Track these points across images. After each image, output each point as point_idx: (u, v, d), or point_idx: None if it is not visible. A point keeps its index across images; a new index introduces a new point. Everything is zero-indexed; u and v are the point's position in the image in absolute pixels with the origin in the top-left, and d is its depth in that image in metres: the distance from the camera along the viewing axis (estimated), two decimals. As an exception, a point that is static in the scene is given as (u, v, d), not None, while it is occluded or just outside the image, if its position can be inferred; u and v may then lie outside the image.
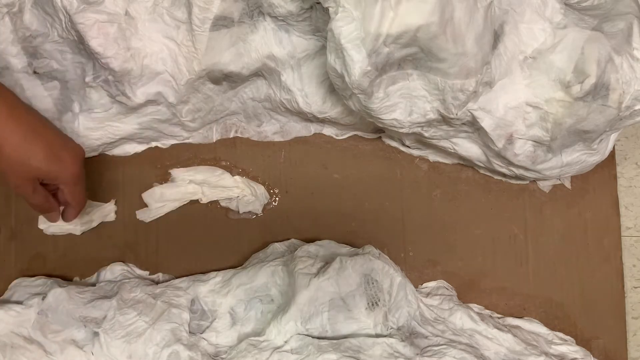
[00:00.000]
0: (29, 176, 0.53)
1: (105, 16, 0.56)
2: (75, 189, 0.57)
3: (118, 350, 0.56)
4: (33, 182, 0.54)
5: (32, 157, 0.52)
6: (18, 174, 0.53)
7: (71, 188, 0.57)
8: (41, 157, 0.53)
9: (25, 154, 0.52)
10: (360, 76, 0.51)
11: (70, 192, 0.57)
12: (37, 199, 0.56)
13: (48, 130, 0.55)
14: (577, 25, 0.55)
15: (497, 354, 0.60)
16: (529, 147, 0.59)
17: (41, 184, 0.56)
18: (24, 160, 0.52)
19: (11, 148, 0.51)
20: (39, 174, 0.54)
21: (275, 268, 0.60)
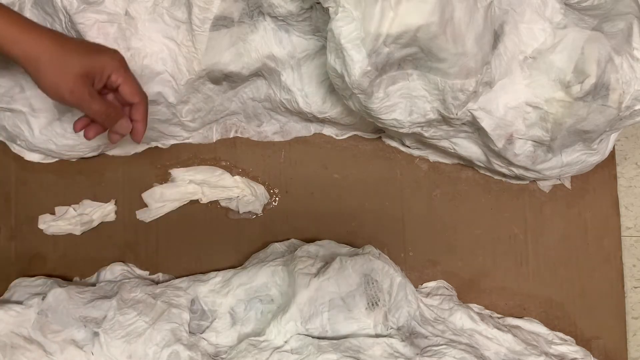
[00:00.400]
0: (77, 75, 0.49)
1: (105, 16, 0.56)
2: (129, 76, 0.53)
3: (118, 350, 0.56)
4: (85, 83, 0.50)
5: (72, 53, 0.49)
6: (66, 77, 0.49)
7: (125, 74, 0.52)
8: (81, 50, 0.50)
9: (64, 54, 0.49)
10: (360, 76, 0.51)
11: (125, 80, 0.52)
12: (97, 103, 0.51)
13: (68, 36, 0.52)
14: (577, 25, 0.55)
15: (497, 354, 0.60)
16: (529, 147, 0.59)
17: None
18: (66, 60, 0.49)
19: (49, 54, 0.48)
20: (85, 68, 0.50)
21: (275, 268, 0.60)
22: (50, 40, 0.49)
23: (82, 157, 0.66)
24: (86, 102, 0.50)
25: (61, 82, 0.49)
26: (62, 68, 0.49)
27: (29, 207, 0.67)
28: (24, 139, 0.63)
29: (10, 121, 0.62)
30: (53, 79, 0.49)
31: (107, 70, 0.51)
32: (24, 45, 0.48)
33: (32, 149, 0.64)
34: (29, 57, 0.48)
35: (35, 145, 0.63)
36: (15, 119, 0.62)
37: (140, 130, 0.54)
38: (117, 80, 0.52)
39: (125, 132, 0.54)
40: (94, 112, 0.51)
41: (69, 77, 0.49)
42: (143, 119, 0.54)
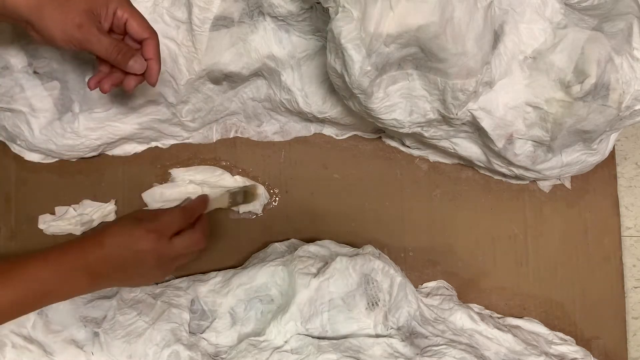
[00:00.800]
0: (83, 11, 0.48)
1: (105, 16, 0.56)
2: (135, 11, 0.50)
3: (118, 350, 0.56)
4: (91, 18, 0.48)
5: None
6: (72, 14, 0.47)
7: (130, 9, 0.50)
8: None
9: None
10: (360, 76, 0.51)
11: (132, 15, 0.50)
12: (107, 37, 0.49)
13: None
14: (577, 25, 0.55)
15: (497, 354, 0.60)
16: (529, 147, 0.59)
17: None
18: None
19: None
20: (90, 3, 0.48)
21: (275, 268, 0.60)
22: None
23: (82, 157, 0.66)
24: (95, 36, 0.48)
25: (68, 19, 0.47)
26: (66, 6, 0.47)
27: (29, 207, 0.67)
28: (24, 139, 0.63)
29: (10, 121, 0.62)
30: (59, 18, 0.47)
31: (112, 5, 0.49)
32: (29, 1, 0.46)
33: (32, 149, 0.64)
34: (32, 4, 0.46)
35: (35, 145, 0.63)
36: (15, 119, 0.62)
37: (155, 69, 0.51)
38: (123, 16, 0.50)
39: (140, 71, 0.50)
40: (106, 47, 0.49)
41: (75, 14, 0.47)
42: (156, 55, 0.51)
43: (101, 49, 0.49)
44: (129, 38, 0.51)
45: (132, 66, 0.50)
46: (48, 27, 0.47)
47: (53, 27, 0.47)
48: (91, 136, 0.63)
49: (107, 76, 0.51)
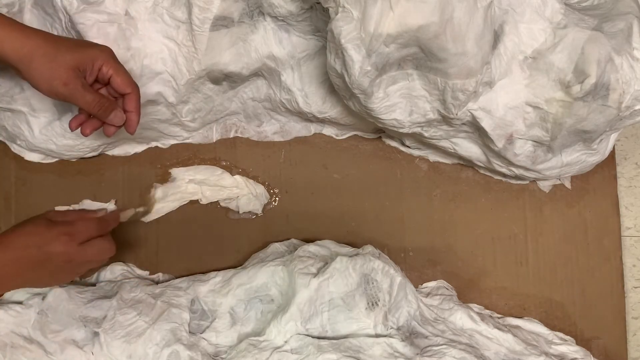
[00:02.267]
0: (69, 68, 0.50)
1: (105, 16, 0.56)
2: (120, 67, 0.53)
3: (118, 350, 0.56)
4: (77, 75, 0.51)
5: (63, 48, 0.50)
6: (59, 71, 0.50)
7: (115, 66, 0.53)
8: (71, 44, 0.51)
9: (56, 49, 0.50)
10: (360, 76, 0.51)
11: (116, 71, 0.53)
12: (90, 94, 0.52)
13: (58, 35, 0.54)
14: (577, 25, 0.55)
15: (497, 354, 0.60)
16: (529, 147, 0.59)
17: None
18: (58, 55, 0.50)
19: (41, 50, 0.50)
20: (77, 61, 0.51)
21: (275, 268, 0.60)
22: (40, 37, 0.50)
23: (82, 157, 0.66)
24: (80, 92, 0.51)
25: (55, 75, 0.50)
26: (54, 62, 0.50)
27: (29, 207, 0.67)
28: (24, 139, 0.63)
29: (10, 121, 0.62)
30: (47, 73, 0.50)
31: (98, 62, 0.52)
32: (15, 42, 0.49)
33: (32, 149, 0.64)
34: (22, 55, 0.49)
35: (35, 145, 0.63)
36: (15, 119, 0.62)
37: (134, 120, 0.55)
38: (108, 72, 0.52)
39: (119, 123, 0.54)
40: (88, 103, 0.52)
41: (62, 70, 0.50)
42: (136, 109, 0.54)
43: (84, 104, 0.52)
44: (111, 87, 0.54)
45: (112, 120, 0.54)
46: (35, 78, 0.50)
47: (40, 80, 0.50)
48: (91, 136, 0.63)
49: (87, 120, 0.55)
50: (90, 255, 0.55)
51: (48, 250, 0.52)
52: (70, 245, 0.53)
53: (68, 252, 0.53)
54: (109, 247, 0.57)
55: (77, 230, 0.54)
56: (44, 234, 0.52)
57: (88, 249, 0.54)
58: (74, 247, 0.53)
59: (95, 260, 0.56)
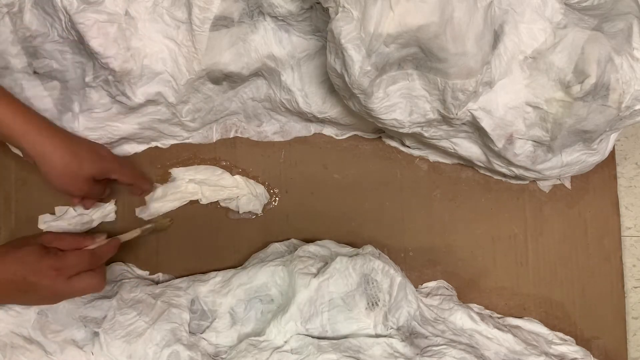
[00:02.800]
0: (87, 179, 0.57)
1: (105, 16, 0.56)
2: (125, 171, 0.61)
3: (118, 350, 0.56)
4: (91, 182, 0.58)
5: (84, 161, 0.56)
6: (78, 182, 0.56)
7: (121, 171, 0.61)
8: (92, 157, 0.57)
9: (79, 162, 0.56)
10: (360, 76, 0.51)
11: (122, 176, 0.61)
12: (95, 191, 0.60)
13: (73, 136, 0.59)
14: (577, 25, 0.55)
15: (497, 354, 0.60)
16: (529, 147, 0.59)
17: None
18: (79, 168, 0.56)
19: (63, 161, 0.55)
20: (95, 174, 0.57)
21: (275, 268, 0.60)
22: (62, 142, 0.56)
23: (82, 157, 0.66)
24: (86, 190, 0.58)
25: (74, 184, 0.57)
26: (76, 175, 0.56)
27: (29, 207, 0.67)
28: (24, 139, 0.63)
29: (10, 121, 0.62)
30: (67, 181, 0.56)
31: (111, 174, 0.60)
32: (36, 143, 0.54)
33: (32, 149, 0.64)
34: (42, 156, 0.54)
35: (35, 145, 0.63)
36: (15, 119, 0.62)
37: (146, 187, 0.66)
38: (115, 177, 0.61)
39: None
40: (91, 193, 0.60)
41: (81, 181, 0.57)
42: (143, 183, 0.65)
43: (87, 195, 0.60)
44: None
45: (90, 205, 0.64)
46: (54, 181, 0.56)
47: (58, 184, 0.56)
48: (91, 136, 0.63)
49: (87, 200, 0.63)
50: (76, 291, 0.54)
51: (34, 282, 0.51)
52: (57, 280, 0.52)
53: (54, 287, 0.52)
54: (97, 283, 0.55)
55: (68, 264, 0.53)
56: (33, 264, 0.51)
57: (75, 284, 0.53)
58: (61, 282, 0.52)
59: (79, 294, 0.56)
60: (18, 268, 0.51)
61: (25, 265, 0.51)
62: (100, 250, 0.57)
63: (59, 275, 0.52)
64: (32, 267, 0.51)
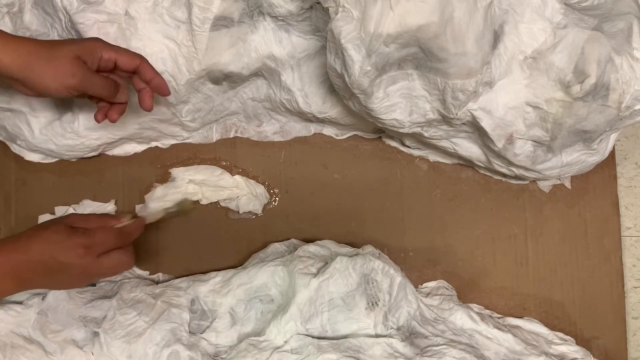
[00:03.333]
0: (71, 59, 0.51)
1: (105, 16, 0.56)
2: (119, 48, 0.54)
3: (118, 350, 0.56)
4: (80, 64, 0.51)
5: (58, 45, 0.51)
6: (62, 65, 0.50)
7: (114, 48, 0.54)
8: (63, 41, 0.52)
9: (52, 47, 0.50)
10: (360, 76, 0.51)
11: (118, 53, 0.53)
12: (100, 77, 0.53)
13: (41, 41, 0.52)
14: (577, 25, 0.55)
15: (497, 354, 0.60)
16: (529, 147, 0.59)
17: None
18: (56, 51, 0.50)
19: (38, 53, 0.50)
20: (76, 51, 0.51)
21: (275, 268, 0.60)
22: (31, 43, 0.50)
23: (82, 157, 0.66)
24: (89, 78, 0.51)
25: (60, 70, 0.50)
26: (56, 60, 0.50)
27: (29, 207, 0.67)
28: (24, 139, 0.63)
29: (10, 121, 0.62)
30: (51, 71, 0.50)
31: (97, 52, 0.52)
32: (11, 53, 0.49)
33: (32, 149, 0.64)
34: (21, 62, 0.49)
35: (35, 145, 0.63)
36: (15, 119, 0.62)
37: (162, 82, 0.56)
38: (110, 56, 0.53)
39: (125, 99, 0.56)
40: (101, 86, 0.53)
41: (65, 63, 0.50)
42: (154, 73, 0.55)
43: (96, 87, 0.53)
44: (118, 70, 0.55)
45: (120, 97, 0.55)
46: (42, 81, 0.50)
47: (47, 80, 0.50)
48: (91, 136, 0.63)
49: (111, 108, 0.56)
50: (106, 269, 0.53)
51: (64, 261, 0.50)
52: (86, 258, 0.51)
53: (84, 265, 0.51)
54: (127, 261, 0.55)
55: (96, 242, 0.52)
56: (62, 243, 0.51)
57: (105, 262, 0.53)
58: (90, 260, 0.52)
59: (110, 273, 0.55)
60: (46, 247, 0.50)
61: (53, 245, 0.50)
62: (127, 228, 0.56)
63: (88, 253, 0.51)
64: (60, 245, 0.50)
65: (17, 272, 0.50)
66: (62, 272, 0.51)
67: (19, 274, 0.50)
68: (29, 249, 0.50)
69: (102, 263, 0.52)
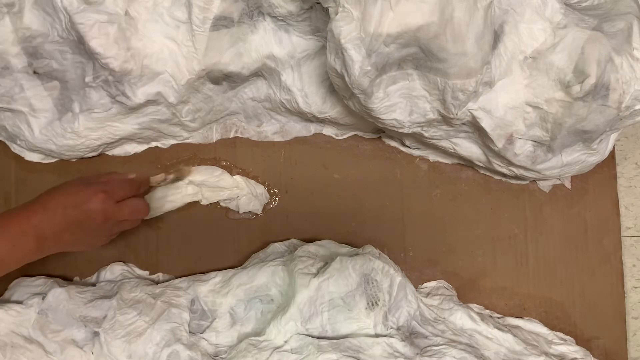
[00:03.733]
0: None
1: (105, 16, 0.56)
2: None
3: (118, 350, 0.56)
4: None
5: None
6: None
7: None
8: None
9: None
10: (360, 76, 0.51)
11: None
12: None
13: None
14: (577, 25, 0.55)
15: (497, 354, 0.60)
16: (529, 147, 0.59)
17: None
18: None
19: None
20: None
21: (275, 268, 0.60)
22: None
23: (82, 157, 0.66)
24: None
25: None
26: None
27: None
28: (24, 139, 0.63)
29: (10, 121, 0.62)
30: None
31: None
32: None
33: (32, 149, 0.64)
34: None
35: (35, 145, 0.63)
36: (15, 119, 0.62)
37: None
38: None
39: None
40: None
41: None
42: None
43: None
44: None
45: None
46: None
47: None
48: (91, 136, 0.63)
49: None
50: (127, 214, 0.55)
51: (86, 208, 0.51)
52: (107, 202, 0.53)
53: (106, 210, 0.53)
54: (143, 206, 0.57)
55: (113, 187, 0.54)
56: (81, 192, 0.52)
57: (124, 207, 0.55)
58: (111, 204, 0.53)
59: (130, 220, 0.57)
60: (67, 199, 0.51)
61: (73, 195, 0.52)
62: (137, 178, 0.59)
63: (107, 198, 0.53)
64: (80, 194, 0.52)
65: (38, 229, 0.50)
66: (85, 222, 0.52)
67: (41, 232, 0.50)
68: (49, 205, 0.51)
69: (121, 208, 0.54)
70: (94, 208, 0.52)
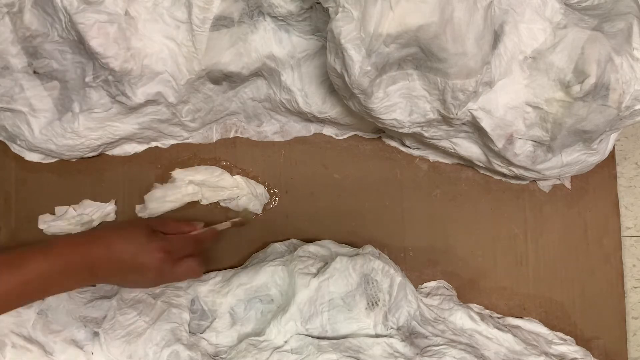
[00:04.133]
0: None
1: (105, 16, 0.56)
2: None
3: (118, 350, 0.56)
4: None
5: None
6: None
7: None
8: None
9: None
10: (360, 76, 0.51)
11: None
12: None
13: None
14: (577, 25, 0.55)
15: (497, 354, 0.60)
16: (529, 147, 0.59)
17: None
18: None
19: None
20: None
21: (275, 268, 0.60)
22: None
23: (82, 157, 0.66)
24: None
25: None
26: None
27: (29, 207, 0.67)
28: (24, 139, 0.63)
29: (10, 121, 0.62)
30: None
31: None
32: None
33: (32, 149, 0.64)
34: None
35: (35, 145, 0.63)
36: (15, 119, 0.62)
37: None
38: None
39: None
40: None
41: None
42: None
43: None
44: None
45: None
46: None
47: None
48: (91, 136, 0.63)
49: None
50: (179, 275, 0.55)
51: (142, 262, 0.51)
52: (165, 263, 0.52)
53: (161, 270, 0.52)
54: (197, 270, 0.56)
55: (175, 248, 0.53)
56: (143, 245, 0.51)
57: (179, 268, 0.54)
58: (168, 266, 0.53)
59: (182, 279, 0.57)
60: (129, 247, 0.51)
61: (135, 245, 0.51)
62: (202, 236, 0.57)
63: (167, 258, 0.52)
64: (142, 247, 0.51)
65: (96, 265, 0.50)
66: (137, 272, 0.52)
67: (97, 268, 0.50)
68: (111, 245, 0.51)
69: (176, 269, 0.54)
70: (150, 266, 0.52)
